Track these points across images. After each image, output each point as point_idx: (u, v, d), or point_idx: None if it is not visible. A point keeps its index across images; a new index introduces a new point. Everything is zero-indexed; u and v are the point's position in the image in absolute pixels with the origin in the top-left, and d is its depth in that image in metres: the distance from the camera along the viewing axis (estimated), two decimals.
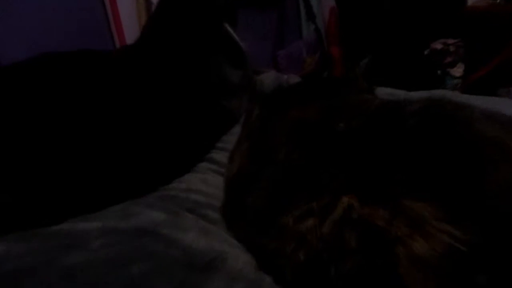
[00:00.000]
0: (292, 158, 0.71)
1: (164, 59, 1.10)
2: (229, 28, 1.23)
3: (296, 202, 0.68)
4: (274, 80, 1.39)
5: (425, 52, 2.84)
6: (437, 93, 1.45)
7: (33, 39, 1.55)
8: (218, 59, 1.18)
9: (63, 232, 0.77)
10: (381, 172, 0.64)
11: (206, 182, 0.95)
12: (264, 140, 0.81)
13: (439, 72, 2.80)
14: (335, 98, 0.86)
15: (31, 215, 0.82)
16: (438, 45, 2.82)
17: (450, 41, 2.83)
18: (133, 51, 1.16)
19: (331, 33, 3.33)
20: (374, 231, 0.60)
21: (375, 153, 0.66)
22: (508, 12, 2.49)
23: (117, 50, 1.19)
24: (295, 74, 2.95)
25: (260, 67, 1.60)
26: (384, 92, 1.35)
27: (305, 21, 3.22)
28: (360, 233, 0.61)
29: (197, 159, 1.05)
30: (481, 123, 0.64)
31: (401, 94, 1.44)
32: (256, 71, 1.46)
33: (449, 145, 0.60)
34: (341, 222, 0.63)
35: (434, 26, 2.92)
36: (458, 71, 2.75)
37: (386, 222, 0.59)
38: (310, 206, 0.66)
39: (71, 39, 1.69)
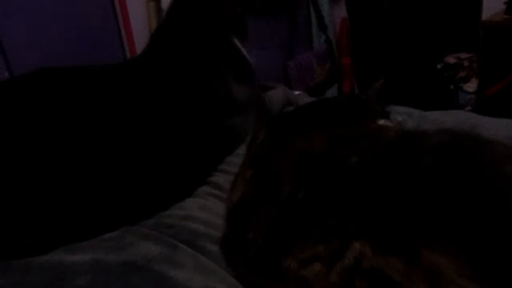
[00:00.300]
0: (298, 196, 0.64)
1: (168, 73, 1.04)
2: (237, 42, 1.17)
3: (301, 244, 0.61)
4: (282, 97, 1.33)
5: (438, 66, 2.77)
6: (455, 113, 1.38)
7: (44, 47, 1.52)
8: (224, 74, 1.12)
9: (49, 264, 0.71)
10: (397, 216, 0.57)
11: (206, 209, 0.89)
12: (269, 170, 0.74)
13: (452, 86, 2.72)
14: (346, 125, 0.79)
15: (16, 241, 0.76)
16: (451, 59, 2.75)
17: (464, 55, 2.75)
18: (135, 66, 1.10)
19: (342, 44, 3.27)
20: (388, 284, 0.53)
21: (390, 194, 0.59)
22: None
23: (120, 64, 1.13)
24: (305, 84, 2.90)
25: (268, 82, 1.53)
26: (398, 111, 1.28)
27: (316, 32, 3.16)
28: (372, 286, 0.54)
29: (198, 182, 0.98)
30: (510, 165, 0.57)
31: (415, 113, 1.37)
32: (263, 86, 1.39)
33: (475, 191, 0.53)
34: (352, 271, 0.56)
35: (448, 39, 2.85)
36: (471, 86, 2.67)
37: (402, 275, 0.53)
38: (317, 250, 0.59)
39: (82, 46, 1.65)
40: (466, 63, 2.70)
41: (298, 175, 0.68)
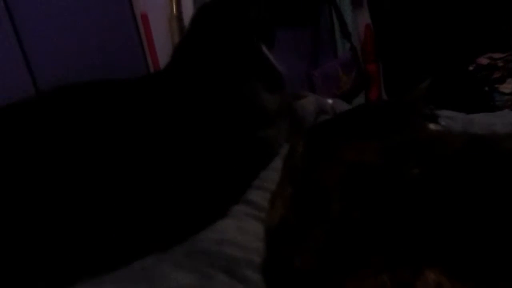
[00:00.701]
0: (350, 216, 0.55)
1: (194, 85, 0.97)
2: (265, 49, 1.09)
3: (359, 273, 0.52)
4: (315, 106, 1.23)
5: (470, 68, 2.63)
6: (502, 114, 1.26)
7: (68, 61, 1.49)
8: (253, 84, 1.04)
9: None
10: (476, 238, 0.47)
11: (243, 231, 0.80)
12: (312, 187, 0.65)
13: (486, 88, 2.57)
14: (397, 132, 0.69)
15: (36, 273, 0.69)
16: (484, 60, 2.60)
17: (497, 55, 2.60)
18: (159, 80, 1.03)
19: (367, 51, 3.16)
20: None
21: (464, 212, 0.49)
22: None
23: (143, 77, 1.06)
24: (331, 93, 2.80)
25: (298, 91, 1.44)
26: (441, 115, 1.17)
27: (340, 39, 3.06)
28: None
29: (232, 201, 0.89)
30: None
31: (458, 116, 1.26)
32: (294, 95, 1.30)
33: None
34: None
35: (478, 40, 2.71)
36: (507, 87, 2.52)
37: None
38: (380, 280, 0.50)
39: (105, 60, 1.62)
40: (500, 63, 2.55)
41: (349, 191, 0.59)
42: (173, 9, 1.72)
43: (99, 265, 0.71)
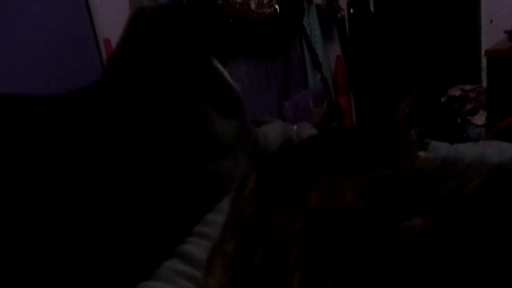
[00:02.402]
0: None
1: (124, 108, 0.74)
2: (218, 65, 0.88)
3: None
4: (280, 133, 1.01)
5: (442, 100, 2.49)
6: (489, 144, 1.07)
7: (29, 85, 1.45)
8: (202, 106, 0.81)
9: None
10: None
11: None
12: (262, 244, 0.42)
13: (459, 120, 2.43)
14: (382, 164, 0.47)
15: None
16: (456, 92, 2.47)
17: (468, 87, 2.48)
18: (85, 99, 0.79)
19: (338, 82, 3.01)
20: None
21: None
22: None
23: (69, 94, 0.81)
24: None
25: (263, 117, 1.22)
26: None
27: (311, 70, 2.90)
28: None
29: (163, 254, 0.65)
30: None
31: (443, 147, 1.05)
32: (256, 121, 1.08)
33: None
34: None
35: (449, 72, 2.60)
36: (480, 118, 2.38)
37: None
38: None
39: (67, 84, 1.49)
40: (472, 95, 2.42)
41: (317, 254, 0.36)
42: None
43: None
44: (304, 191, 0.43)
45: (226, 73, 0.89)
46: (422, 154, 0.64)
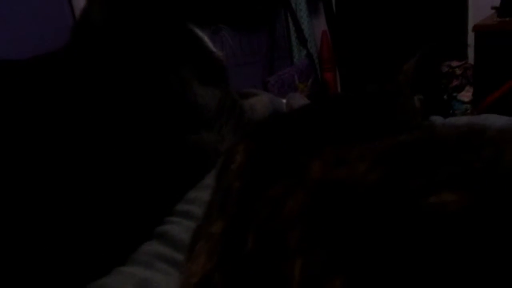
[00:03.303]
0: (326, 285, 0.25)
1: (94, 73, 0.65)
2: (197, 31, 0.79)
3: None
4: (268, 105, 0.93)
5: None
6: (484, 118, 1.01)
7: None
8: (181, 73, 0.72)
9: None
10: None
11: None
12: (257, 225, 0.35)
13: (445, 96, 2.38)
14: (394, 131, 0.40)
15: None
16: (442, 68, 2.42)
17: (455, 63, 2.43)
18: (53, 62, 0.70)
19: (324, 58, 2.93)
20: None
21: None
22: None
23: (33, 58, 0.72)
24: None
25: (250, 89, 1.14)
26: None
27: (296, 46, 2.81)
28: None
29: (141, 236, 0.57)
30: None
31: (438, 120, 1.00)
32: (243, 93, 1.00)
33: None
34: None
35: (436, 47, 2.54)
36: (466, 95, 2.34)
37: None
38: None
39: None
40: (458, 71, 2.37)
41: (322, 236, 0.30)
42: None
43: None
44: (304, 161, 0.36)
45: (206, 40, 0.81)
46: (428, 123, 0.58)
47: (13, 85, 0.59)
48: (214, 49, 0.81)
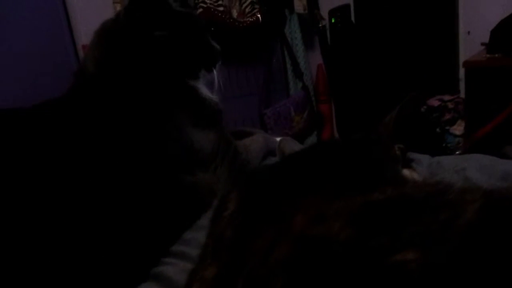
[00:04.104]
0: None
1: (93, 121, 0.70)
2: (191, 82, 0.84)
3: None
4: (263, 146, 0.98)
5: (422, 110, 2.51)
6: (471, 157, 1.06)
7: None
8: (177, 120, 0.77)
9: None
10: None
11: None
12: (246, 272, 0.39)
13: (438, 130, 2.45)
14: (371, 185, 0.45)
15: None
16: (435, 102, 2.49)
17: (447, 97, 2.50)
18: (54, 109, 0.74)
19: (319, 90, 3.01)
20: None
21: None
22: (508, 66, 2.18)
23: (36, 106, 0.76)
24: (283, 133, 2.58)
25: (245, 127, 1.19)
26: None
27: (292, 79, 2.89)
28: None
29: (137, 277, 0.61)
30: None
31: (425, 159, 1.04)
32: (238, 133, 1.05)
33: None
34: None
35: (428, 82, 2.62)
36: (458, 129, 2.40)
37: None
38: None
39: (44, 89, 1.45)
40: (450, 105, 2.44)
41: (300, 286, 0.34)
42: None
43: None
44: (289, 214, 0.40)
45: (201, 87, 0.86)
46: (406, 172, 0.62)
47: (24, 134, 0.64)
48: (208, 96, 0.87)
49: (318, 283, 0.33)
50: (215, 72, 0.92)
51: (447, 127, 2.42)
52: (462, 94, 2.51)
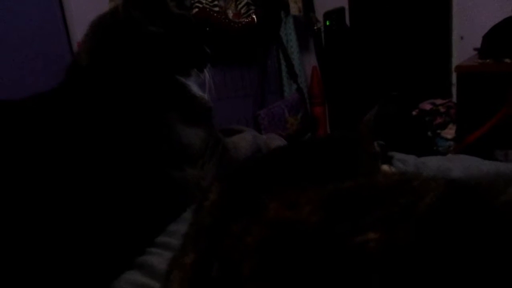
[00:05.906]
0: None
1: (83, 116, 0.72)
2: (182, 79, 0.86)
3: None
4: (252, 143, 1.00)
5: (414, 113, 2.54)
6: (456, 158, 1.09)
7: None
8: (166, 117, 0.80)
9: None
10: None
11: None
12: (220, 256, 0.41)
13: (429, 133, 2.48)
14: (343, 176, 0.47)
15: None
16: (427, 106, 2.52)
17: (439, 101, 2.54)
18: (44, 102, 0.76)
19: (314, 92, 3.04)
20: None
21: None
22: (499, 71, 2.21)
23: (27, 98, 0.78)
24: (276, 135, 2.61)
25: (235, 126, 1.21)
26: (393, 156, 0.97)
27: (287, 81, 2.92)
28: None
29: (122, 265, 0.63)
30: None
31: (410, 160, 1.07)
32: (228, 130, 1.07)
33: None
34: None
35: (421, 86, 2.65)
36: (449, 132, 2.43)
37: None
38: None
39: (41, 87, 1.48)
40: (442, 109, 2.47)
41: (271, 268, 0.36)
42: None
43: None
44: (263, 202, 0.43)
45: (192, 85, 0.88)
46: (385, 167, 0.64)
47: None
48: (199, 94, 0.89)
49: (288, 263, 0.35)
50: (206, 73, 0.94)
51: (438, 131, 2.45)
52: (454, 99, 2.54)
